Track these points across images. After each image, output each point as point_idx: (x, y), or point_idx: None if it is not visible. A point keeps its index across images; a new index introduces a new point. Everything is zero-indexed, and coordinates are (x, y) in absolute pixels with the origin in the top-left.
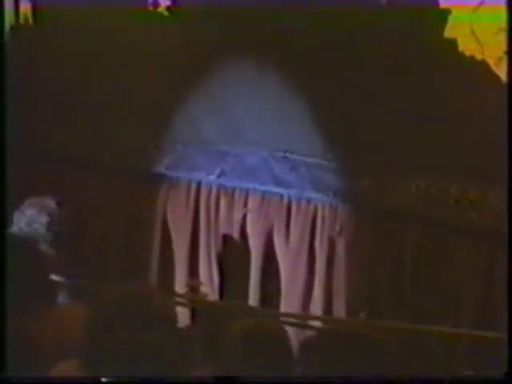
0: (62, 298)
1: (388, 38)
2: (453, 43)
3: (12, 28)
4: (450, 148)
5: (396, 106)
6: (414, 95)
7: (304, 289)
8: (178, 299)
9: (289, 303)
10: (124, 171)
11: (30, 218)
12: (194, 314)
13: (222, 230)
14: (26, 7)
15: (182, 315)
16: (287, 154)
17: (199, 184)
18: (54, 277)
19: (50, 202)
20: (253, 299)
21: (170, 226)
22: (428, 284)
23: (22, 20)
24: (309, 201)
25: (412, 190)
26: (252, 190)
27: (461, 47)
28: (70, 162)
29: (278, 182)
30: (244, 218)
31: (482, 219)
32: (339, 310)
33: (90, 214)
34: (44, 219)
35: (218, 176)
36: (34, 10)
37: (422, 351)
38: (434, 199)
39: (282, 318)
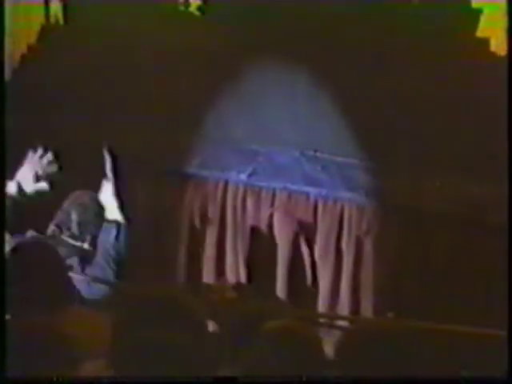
0: (87, 298)
1: (418, 37)
2: (484, 43)
3: (42, 28)
4: (480, 149)
5: (427, 106)
6: (445, 95)
7: (331, 288)
8: (206, 299)
9: (316, 303)
10: (154, 171)
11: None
12: (220, 314)
13: (249, 229)
14: (56, 7)
15: (209, 315)
16: (318, 154)
17: (226, 183)
18: (79, 276)
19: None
20: (280, 298)
21: (198, 225)
22: (456, 283)
23: (52, 20)
24: (336, 200)
25: (441, 190)
26: (279, 189)
27: (493, 47)
28: (98, 161)
29: (309, 181)
30: (271, 217)
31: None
32: (367, 309)
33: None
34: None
35: (249, 175)
36: (65, 10)
37: (450, 352)
38: (462, 199)
39: (310, 318)
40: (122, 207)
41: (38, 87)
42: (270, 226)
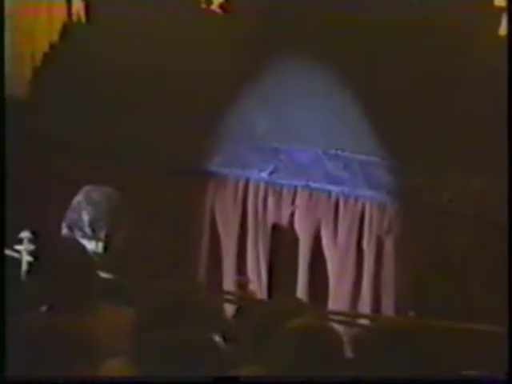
0: (110, 297)
1: (442, 36)
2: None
3: (64, 26)
4: (506, 148)
5: (451, 104)
6: (468, 93)
7: (352, 286)
8: (226, 297)
9: (337, 301)
10: (174, 169)
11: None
12: (241, 312)
13: (270, 227)
14: (78, 5)
15: (230, 313)
16: (339, 152)
17: (247, 181)
18: (101, 275)
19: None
20: (301, 297)
21: (219, 223)
22: (478, 282)
23: (74, 18)
24: (357, 198)
25: (462, 188)
26: (300, 187)
27: None
28: (121, 159)
29: (331, 180)
30: (292, 215)
31: None
32: (388, 308)
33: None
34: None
35: (271, 173)
36: (87, 7)
37: (473, 351)
38: (485, 198)
39: (331, 317)
40: None
41: (60, 85)
42: (291, 224)
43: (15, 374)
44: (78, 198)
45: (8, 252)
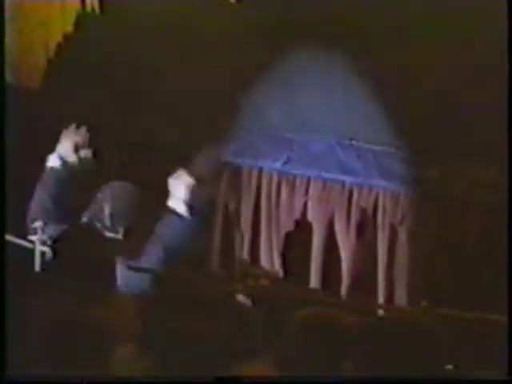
0: (123, 284)
1: (455, 28)
2: None
3: (78, 16)
4: None
5: (465, 96)
6: (481, 82)
7: (365, 276)
8: (240, 286)
9: (350, 290)
10: (188, 158)
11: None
12: (255, 301)
13: (283, 217)
14: None
15: (244, 302)
16: (353, 142)
17: (261, 171)
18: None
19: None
20: (314, 286)
21: (232, 213)
22: (491, 272)
23: (88, 8)
24: (370, 189)
25: (476, 179)
26: (313, 177)
27: None
28: (133, 149)
29: (344, 170)
30: (305, 205)
31: None
32: (401, 297)
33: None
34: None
35: (284, 163)
36: None
37: (485, 341)
38: (498, 189)
39: (343, 306)
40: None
41: (73, 75)
42: (305, 215)
43: (16, 374)
44: (102, 191)
45: (22, 242)
